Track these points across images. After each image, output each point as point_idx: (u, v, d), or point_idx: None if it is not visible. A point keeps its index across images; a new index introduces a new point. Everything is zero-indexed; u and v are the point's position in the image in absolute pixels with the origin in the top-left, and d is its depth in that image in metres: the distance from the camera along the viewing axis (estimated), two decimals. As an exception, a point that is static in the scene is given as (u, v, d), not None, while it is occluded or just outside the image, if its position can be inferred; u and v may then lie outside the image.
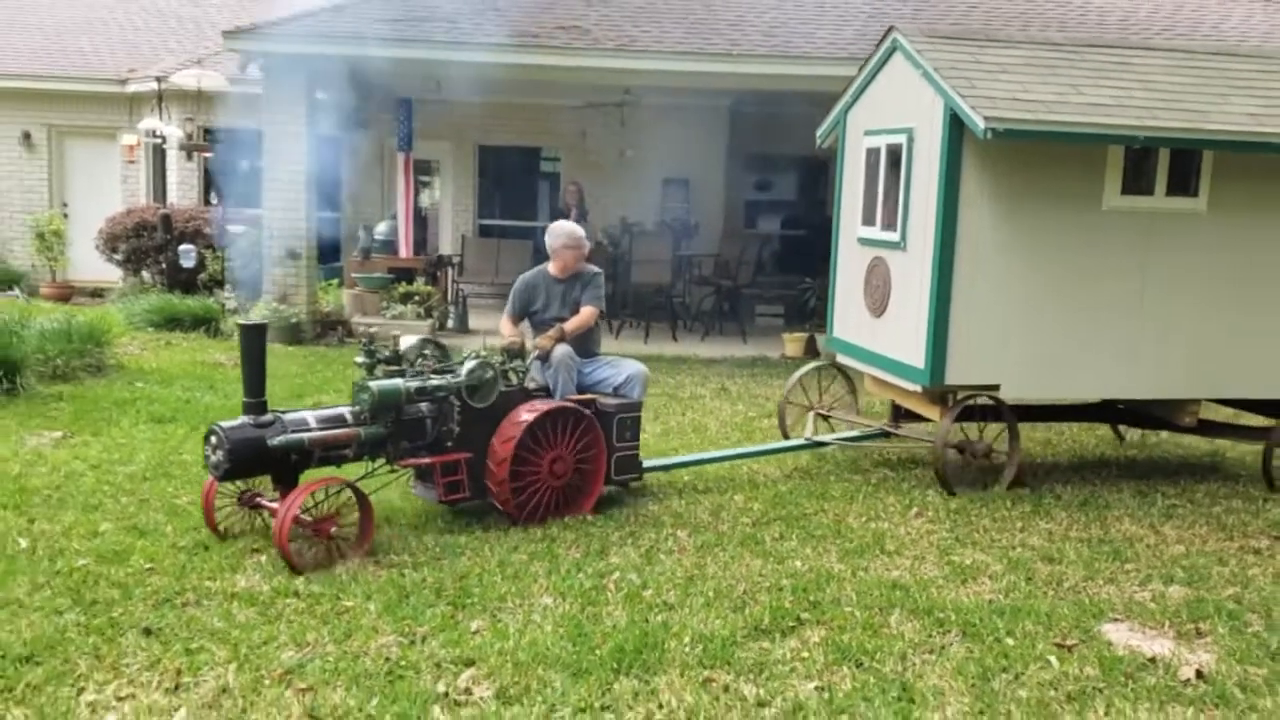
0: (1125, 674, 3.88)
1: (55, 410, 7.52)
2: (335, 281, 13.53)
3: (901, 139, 6.32)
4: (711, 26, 11.58)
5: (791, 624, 4.24)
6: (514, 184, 16.32)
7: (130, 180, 15.91)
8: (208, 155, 14.27)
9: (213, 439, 4.77)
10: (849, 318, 7.08)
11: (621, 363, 6.20)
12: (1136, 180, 6.13)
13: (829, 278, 7.42)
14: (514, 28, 11.20)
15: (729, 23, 11.66)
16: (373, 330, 5.85)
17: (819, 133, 7.65)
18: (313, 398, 8.11)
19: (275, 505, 4.78)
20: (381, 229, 13.45)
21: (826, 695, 3.64)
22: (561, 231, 6.33)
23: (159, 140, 14.41)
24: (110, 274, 14.68)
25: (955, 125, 5.86)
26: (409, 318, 11.80)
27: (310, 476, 4.88)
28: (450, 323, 12.64)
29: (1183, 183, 6.21)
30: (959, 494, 6.11)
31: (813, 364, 7.54)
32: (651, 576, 4.68)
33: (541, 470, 5.34)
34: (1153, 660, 4.01)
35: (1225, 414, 7.38)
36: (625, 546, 5.10)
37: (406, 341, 5.44)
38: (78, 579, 4.42)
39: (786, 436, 7.11)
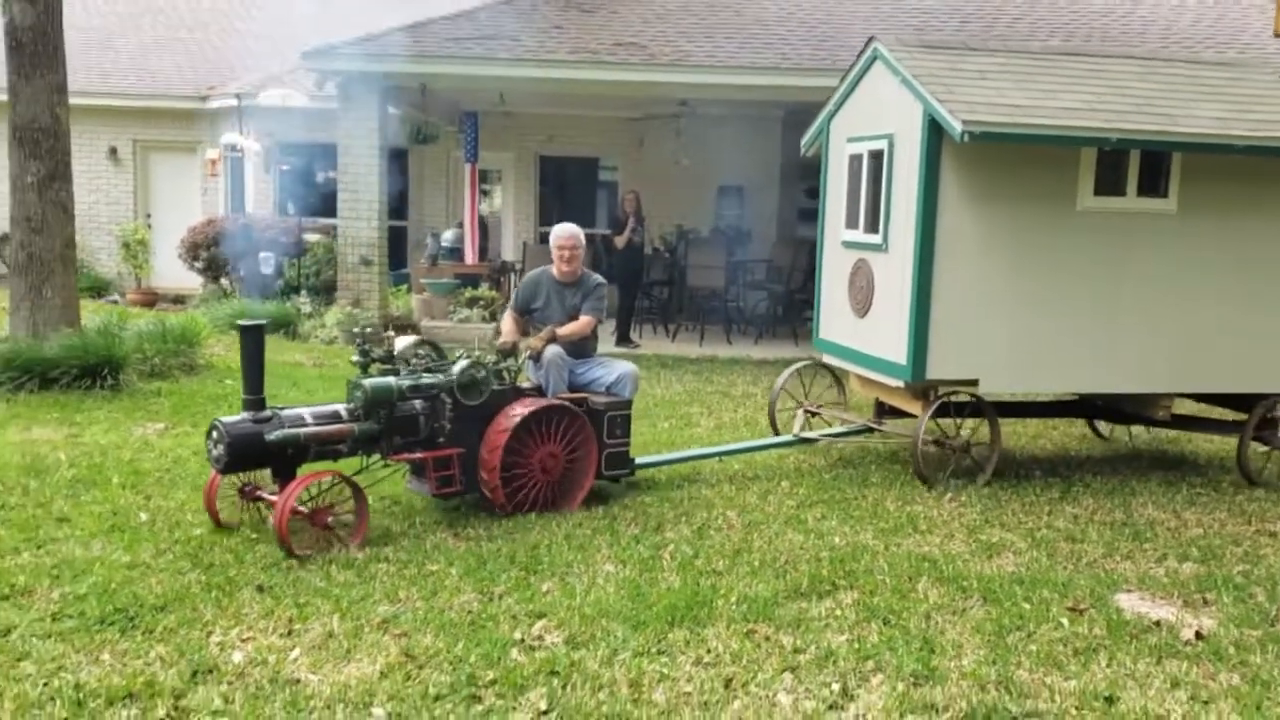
0: (1130, 634, 4.29)
1: (155, 405, 8.18)
2: (405, 287, 14.19)
3: (883, 144, 6.54)
4: (764, 41, 12.06)
5: (828, 588, 4.70)
6: (574, 192, 16.91)
7: (210, 192, 16.74)
8: (284, 167, 15.00)
9: (214, 434, 5.02)
10: (835, 319, 7.31)
11: (613, 363, 6.41)
12: (1109, 182, 6.37)
13: (815, 281, 7.70)
14: (574, 45, 11.79)
15: (780, 37, 12.13)
16: (437, 331, 6.38)
17: (804, 140, 7.87)
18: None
19: (275, 498, 5.02)
20: (448, 237, 14.08)
21: (856, 645, 4.10)
22: (567, 232, 6.50)
23: (238, 154, 15.17)
24: (191, 281, 15.47)
25: (934, 130, 6.10)
26: (474, 321, 12.40)
27: (308, 471, 5.14)
28: (513, 325, 13.19)
29: (1153, 184, 6.44)
30: (936, 487, 6.38)
31: (800, 363, 7.74)
32: (703, 549, 5.17)
33: (532, 465, 5.56)
34: (1157, 623, 4.41)
35: (1194, 408, 7.56)
36: (680, 524, 5.59)
37: (402, 342, 5.63)
38: (195, 546, 5.02)
39: (777, 433, 7.38)
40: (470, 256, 13.71)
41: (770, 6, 13.28)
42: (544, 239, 16.31)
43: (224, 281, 14.66)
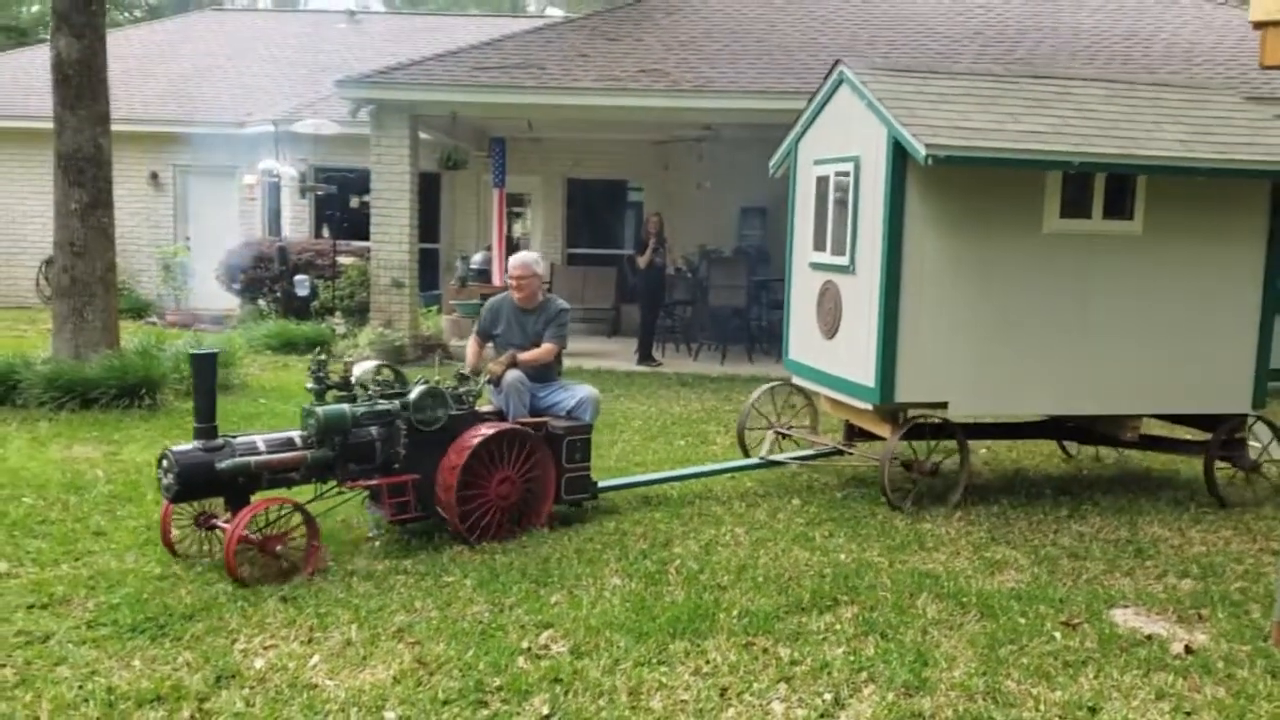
0: (1121, 648, 4.41)
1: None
2: (434, 308, 14.48)
3: (849, 166, 6.53)
4: (785, 67, 12.26)
5: (829, 603, 4.85)
6: (600, 214, 17.16)
7: (247, 215, 17.16)
8: (319, 192, 15.37)
9: (164, 462, 4.96)
10: (803, 340, 7.30)
11: (575, 387, 6.44)
12: (1075, 204, 6.38)
13: (784, 302, 7.70)
14: (600, 72, 12.05)
15: (801, 63, 12.33)
16: (464, 349, 6.50)
17: (772, 163, 7.88)
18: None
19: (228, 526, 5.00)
20: (477, 259, 14.37)
21: (851, 657, 4.25)
22: (517, 261, 6.53)
23: (275, 179, 15.56)
24: (229, 302, 15.83)
25: (899, 153, 6.07)
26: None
27: (262, 498, 5.11)
28: (540, 346, 13.43)
29: (1119, 207, 6.45)
30: (906, 510, 6.38)
31: (769, 384, 7.73)
32: (709, 564, 5.34)
33: (489, 490, 5.52)
34: (1149, 638, 4.53)
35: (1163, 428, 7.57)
36: (688, 540, 5.76)
37: (360, 368, 5.63)
38: (223, 558, 5.25)
39: (747, 454, 7.33)
40: (497, 278, 13.96)
41: (791, 33, 13.49)
42: (571, 260, 16.66)
43: (261, 303, 15.03)
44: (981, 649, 4.37)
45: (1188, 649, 4.40)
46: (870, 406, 6.47)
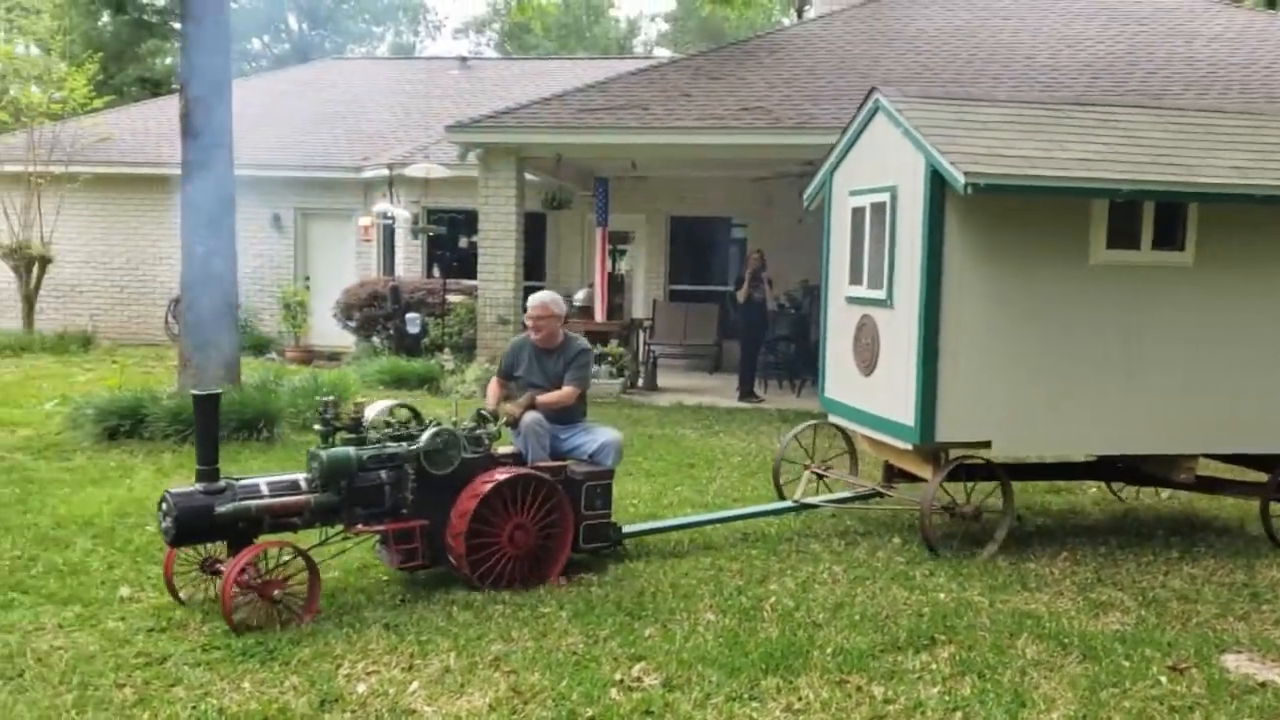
0: (1231, 694, 4.26)
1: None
2: (539, 344, 14.71)
3: (885, 197, 6.36)
4: (887, 101, 12.20)
5: (925, 642, 4.79)
6: (702, 251, 17.28)
7: (363, 255, 17.76)
8: (430, 233, 15.82)
9: (163, 505, 4.86)
10: (840, 377, 7.07)
11: (597, 429, 6.23)
12: (1123, 235, 6.14)
13: (820, 338, 7.46)
14: (702, 111, 12.20)
15: (904, 97, 12.26)
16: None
17: (805, 194, 7.71)
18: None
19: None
20: (580, 296, 14.60)
21: (947, 698, 4.20)
22: (535, 302, 6.37)
23: (389, 220, 16.08)
24: (345, 339, 16.38)
25: (937, 182, 5.88)
26: (602, 377, 12.80)
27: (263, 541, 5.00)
28: (640, 381, 13.58)
29: (1170, 237, 6.21)
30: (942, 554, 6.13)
31: (807, 423, 7.53)
32: (804, 601, 5.33)
33: (501, 538, 5.31)
34: (1263, 685, 4.36)
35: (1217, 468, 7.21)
36: (784, 576, 5.75)
37: (374, 409, 5.46)
38: (330, 586, 5.43)
39: (782, 496, 7.11)
40: (600, 315, 14.17)
41: (895, 68, 13.46)
42: (673, 296, 16.79)
43: (375, 340, 15.50)
44: (1082, 691, 4.27)
45: (1304, 698, 4.23)
46: (910, 446, 6.24)
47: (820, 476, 7.30)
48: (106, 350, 16.44)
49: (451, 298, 14.81)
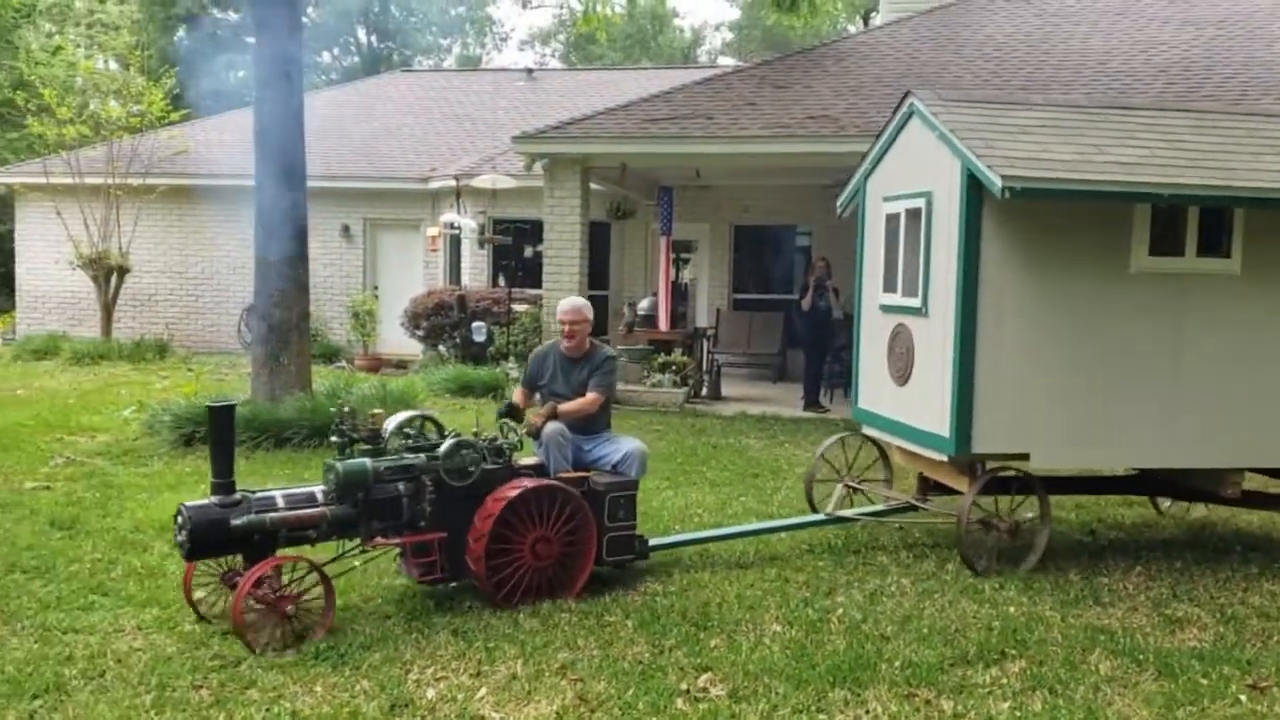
0: (1315, 716, 4.15)
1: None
2: (603, 353, 14.77)
3: (920, 203, 6.23)
4: (955, 108, 12.07)
5: (996, 656, 4.73)
6: (766, 259, 17.21)
7: (430, 265, 17.98)
8: (496, 243, 15.98)
9: (178, 519, 4.80)
10: (874, 387, 6.92)
11: (620, 440, 6.12)
12: (1166, 242, 5.97)
13: (852, 347, 7.28)
14: (767, 120, 12.17)
15: (972, 104, 12.12)
16: (633, 394, 6.50)
17: (839, 202, 7.55)
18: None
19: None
20: (643, 305, 14.63)
21: (1018, 713, 4.14)
22: (569, 306, 6.32)
23: (455, 230, 16.27)
24: (412, 348, 16.58)
25: (974, 187, 5.74)
26: (666, 386, 12.81)
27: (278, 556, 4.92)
28: (704, 391, 13.57)
29: (1214, 243, 6.02)
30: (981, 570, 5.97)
31: (840, 434, 7.37)
32: (872, 613, 5.28)
33: (523, 551, 5.21)
34: (1348, 706, 4.24)
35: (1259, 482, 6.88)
36: (851, 589, 5.71)
37: (394, 420, 5.35)
38: (399, 592, 5.51)
39: (814, 509, 6.97)
40: (663, 324, 14.19)
41: (963, 75, 13.32)
42: (737, 305, 16.75)
43: (441, 348, 15.68)
44: (1158, 709, 4.19)
45: (1392, 720, 4.10)
46: (946, 458, 6.09)
47: (854, 490, 7.16)
48: (181, 358, 16.84)
49: (516, 307, 14.93)
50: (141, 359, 16.18)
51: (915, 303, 6.30)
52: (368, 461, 5.03)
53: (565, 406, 6.05)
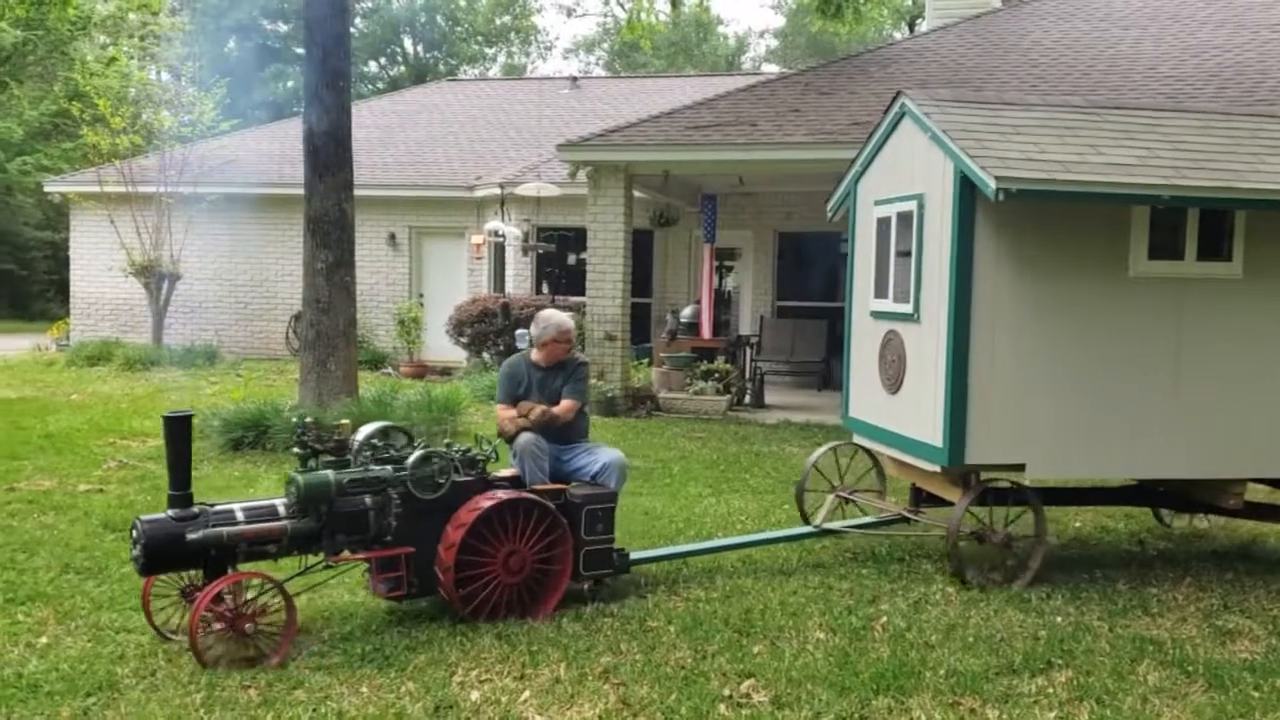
0: (1371, 730, 4.07)
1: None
2: (645, 360, 14.83)
3: (912, 206, 6.08)
4: (1001, 114, 11.98)
5: (1042, 666, 4.68)
6: (811, 267, 17.15)
7: (475, 273, 18.12)
8: (540, 250, 16.06)
9: (133, 532, 4.67)
10: (865, 396, 6.77)
11: (599, 450, 5.99)
12: (1165, 245, 5.83)
13: (843, 354, 7.14)
14: (811, 127, 12.15)
15: (1019, 110, 12.01)
16: (676, 402, 6.46)
17: (829, 205, 7.40)
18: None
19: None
20: (686, 313, 14.65)
21: (1064, 724, 4.10)
22: (551, 324, 6.13)
23: (500, 238, 16.39)
24: (457, 354, 16.70)
25: (967, 189, 5.59)
26: (709, 393, 12.81)
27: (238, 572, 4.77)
28: (747, 398, 13.55)
29: (1215, 247, 5.87)
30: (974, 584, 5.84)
31: (831, 444, 7.17)
32: (916, 621, 5.25)
33: (494, 565, 5.06)
34: (1405, 721, 4.15)
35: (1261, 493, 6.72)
36: (895, 597, 5.68)
37: (363, 431, 5.18)
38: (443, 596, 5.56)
39: (806, 520, 6.81)
40: (706, 331, 14.19)
41: (1010, 80, 13.21)
42: (781, 313, 16.71)
43: (485, 355, 15.78)
44: (1208, 722, 4.13)
45: None
46: (938, 468, 5.95)
47: (846, 500, 6.99)
48: (230, 364, 17.08)
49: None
50: (191, 365, 16.43)
51: (907, 309, 6.17)
52: (330, 474, 4.89)
53: (555, 410, 5.94)
